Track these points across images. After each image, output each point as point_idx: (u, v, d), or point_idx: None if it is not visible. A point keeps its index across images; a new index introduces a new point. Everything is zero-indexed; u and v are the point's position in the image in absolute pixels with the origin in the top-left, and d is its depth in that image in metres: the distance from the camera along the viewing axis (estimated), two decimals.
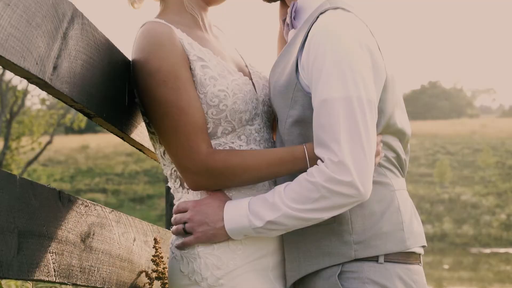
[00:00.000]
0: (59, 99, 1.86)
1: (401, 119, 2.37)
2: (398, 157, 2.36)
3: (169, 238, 3.01)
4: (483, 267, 29.30)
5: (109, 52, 2.13)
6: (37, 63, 1.62)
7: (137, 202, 41.19)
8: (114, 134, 2.30)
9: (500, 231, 35.26)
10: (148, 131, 2.38)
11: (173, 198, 2.47)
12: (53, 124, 34.20)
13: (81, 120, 33.72)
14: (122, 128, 2.26)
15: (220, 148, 2.32)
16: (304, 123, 2.24)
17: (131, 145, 2.57)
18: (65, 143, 50.25)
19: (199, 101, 2.27)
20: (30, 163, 35.95)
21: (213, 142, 2.32)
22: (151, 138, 2.39)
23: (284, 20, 2.49)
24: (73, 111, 25.33)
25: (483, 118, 68.54)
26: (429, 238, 33.65)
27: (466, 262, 30.80)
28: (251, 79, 2.47)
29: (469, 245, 34.75)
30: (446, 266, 29.30)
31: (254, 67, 2.56)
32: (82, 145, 51.23)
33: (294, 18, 2.41)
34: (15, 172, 34.29)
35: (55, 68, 1.72)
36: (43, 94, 24.80)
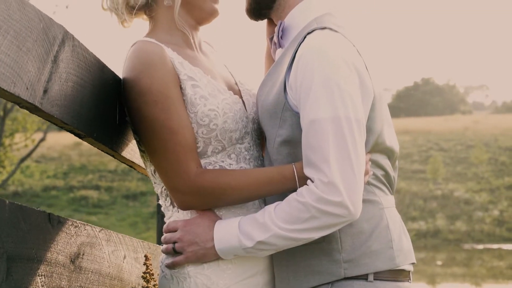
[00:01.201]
0: (49, 121, 1.87)
1: (390, 137, 2.38)
2: (386, 174, 2.37)
3: (160, 254, 3.03)
4: (476, 263, 29.38)
5: (100, 71, 2.13)
6: (27, 88, 1.63)
7: (130, 199, 41.16)
8: (105, 152, 2.30)
9: (493, 227, 35.35)
10: (139, 149, 2.38)
11: (164, 214, 2.47)
12: (46, 122, 34.08)
13: None
14: (113, 147, 2.26)
15: (210, 167, 2.33)
16: (293, 142, 2.25)
17: (121, 162, 2.57)
18: (59, 140, 50.16)
19: (189, 120, 2.27)
20: (23, 160, 35.92)
21: (203, 161, 2.32)
22: (142, 156, 2.39)
23: (271, 39, 2.49)
24: None
25: (476, 114, 68.64)
26: (422, 234, 33.77)
27: (459, 258, 30.88)
28: (241, 97, 2.47)
29: (462, 241, 34.81)
30: (439, 262, 29.38)
31: (244, 84, 2.56)
32: (75, 142, 51.13)
33: (281, 37, 2.42)
34: (8, 168, 34.29)
35: (45, 91, 1.73)
36: None
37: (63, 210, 36.94)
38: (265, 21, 2.57)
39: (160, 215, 3.71)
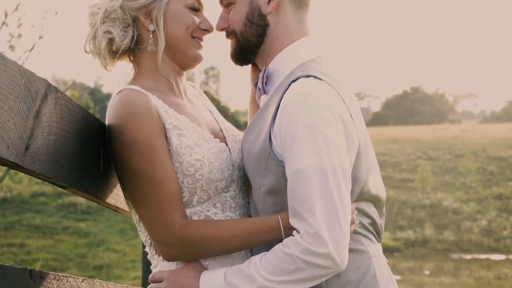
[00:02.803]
0: (31, 175, 1.84)
1: (375, 185, 2.36)
2: (373, 222, 2.35)
3: None
4: (464, 273, 29.38)
5: (83, 120, 2.11)
6: (8, 147, 1.60)
7: None
8: (88, 199, 2.27)
9: (481, 237, 35.36)
10: (124, 195, 2.36)
11: (149, 262, 2.44)
12: None
13: None
14: (97, 195, 2.24)
15: (196, 216, 2.31)
16: (278, 192, 2.23)
17: (105, 207, 2.54)
18: None
19: (174, 171, 2.25)
20: None
21: (188, 211, 2.30)
22: (127, 203, 2.37)
23: (256, 84, 2.48)
24: None
25: (464, 123, 68.81)
26: (410, 243, 33.75)
27: (447, 268, 30.88)
28: (226, 144, 2.45)
29: (450, 251, 34.83)
30: (427, 272, 29.35)
31: (230, 130, 2.55)
32: None
33: (265, 83, 2.40)
34: None
35: (27, 148, 1.70)
36: None
37: (51, 216, 36.81)
38: (250, 66, 2.56)
39: (145, 259, 3.64)
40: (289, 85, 2.25)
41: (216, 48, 2.50)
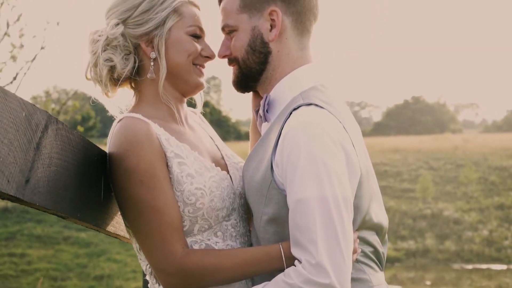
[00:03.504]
0: (31, 207, 1.83)
1: (377, 213, 2.35)
2: (375, 251, 2.34)
3: None
4: (465, 283, 29.36)
5: (84, 150, 2.10)
6: (8, 181, 1.59)
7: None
8: (89, 228, 2.26)
9: (482, 247, 35.33)
10: (125, 224, 2.34)
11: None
12: None
13: None
14: (97, 223, 2.23)
15: (196, 245, 2.30)
16: (280, 221, 2.22)
17: (106, 234, 2.53)
18: None
19: (175, 199, 2.24)
20: None
21: (189, 240, 2.29)
22: (128, 231, 2.36)
23: (257, 111, 2.47)
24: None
25: (466, 133, 68.68)
26: (412, 253, 33.72)
27: (448, 278, 30.85)
28: (228, 171, 2.44)
29: (451, 261, 34.80)
30: (428, 282, 29.34)
31: (231, 158, 2.53)
32: None
33: (267, 111, 2.39)
34: None
35: (27, 181, 1.69)
36: None
37: (52, 226, 36.79)
38: (251, 93, 2.55)
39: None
40: (290, 113, 2.24)
41: (217, 58, 2.49)
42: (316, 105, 2.24)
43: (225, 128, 52.18)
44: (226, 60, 2.48)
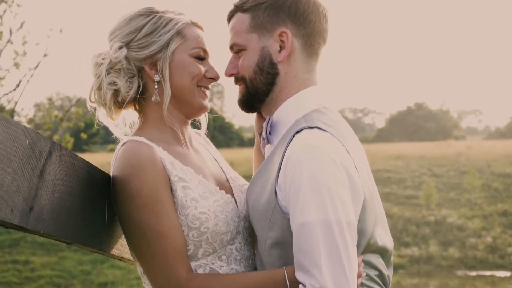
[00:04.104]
0: (35, 235, 1.82)
1: (382, 236, 2.34)
2: (380, 274, 2.33)
3: None
4: None
5: (88, 174, 2.10)
6: (12, 210, 1.59)
7: None
8: (93, 252, 2.25)
9: (485, 254, 35.26)
10: (129, 247, 2.33)
11: None
12: None
13: (68, 141, 33.68)
14: (102, 248, 2.22)
15: (201, 270, 2.28)
16: (284, 245, 2.21)
17: (110, 257, 2.51)
18: None
19: (179, 224, 2.23)
20: None
21: (193, 264, 2.28)
22: (132, 255, 2.34)
23: (260, 133, 2.46)
24: (60, 132, 25.13)
25: (469, 139, 68.52)
26: (415, 260, 33.66)
27: (452, 285, 30.78)
28: (232, 194, 2.43)
29: (455, 268, 34.73)
30: None
31: (236, 180, 2.52)
32: None
33: (270, 133, 2.38)
34: None
35: (31, 209, 1.69)
36: (30, 114, 24.58)
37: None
38: (255, 115, 2.54)
39: None
40: (293, 136, 2.23)
41: (221, 64, 2.47)
42: (319, 128, 2.23)
43: (228, 134, 52.09)
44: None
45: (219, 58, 2.54)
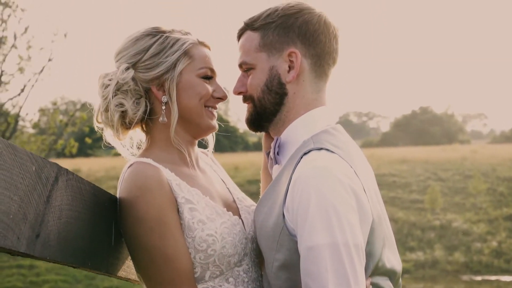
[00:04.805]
0: (42, 260, 1.81)
1: (390, 258, 2.31)
2: None
3: None
4: None
5: (94, 197, 2.08)
6: (18, 238, 1.58)
7: None
8: (99, 274, 2.23)
9: (491, 258, 35.22)
10: (135, 269, 2.31)
11: None
12: (45, 149, 34.07)
13: (73, 146, 33.69)
14: (108, 270, 2.21)
15: None
16: (291, 267, 2.18)
17: (116, 278, 2.50)
18: None
19: (186, 246, 2.21)
20: None
21: (200, 286, 2.26)
22: (138, 277, 2.33)
23: (268, 153, 2.44)
24: (64, 136, 25.15)
25: (474, 143, 68.41)
26: (421, 265, 33.65)
27: None
28: (239, 216, 2.41)
29: (461, 272, 34.69)
30: None
31: (243, 201, 2.50)
32: (73, 169, 50.81)
33: (277, 153, 2.36)
34: None
35: (37, 236, 1.68)
36: (35, 119, 24.63)
37: None
38: (263, 134, 2.52)
39: None
40: (301, 157, 2.21)
41: (226, 68, 2.44)
42: (327, 149, 2.21)
43: (233, 138, 52.05)
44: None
45: (228, 73, 2.52)
